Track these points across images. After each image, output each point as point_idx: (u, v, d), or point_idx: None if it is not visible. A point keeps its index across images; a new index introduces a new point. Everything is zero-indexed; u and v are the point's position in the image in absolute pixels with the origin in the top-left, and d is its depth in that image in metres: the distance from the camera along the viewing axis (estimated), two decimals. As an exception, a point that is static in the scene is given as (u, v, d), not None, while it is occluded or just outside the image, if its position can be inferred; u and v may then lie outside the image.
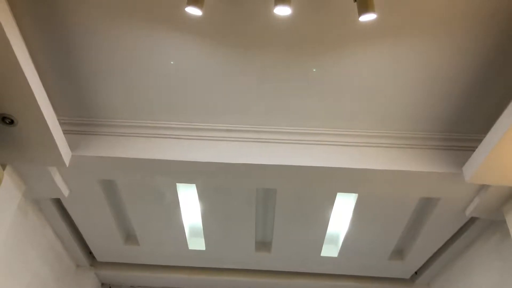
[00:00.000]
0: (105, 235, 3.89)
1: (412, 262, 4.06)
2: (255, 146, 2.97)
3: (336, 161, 2.92)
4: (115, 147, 2.96)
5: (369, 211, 3.37)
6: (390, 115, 2.87)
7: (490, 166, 2.53)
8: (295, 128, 2.98)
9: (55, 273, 3.94)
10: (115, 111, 2.96)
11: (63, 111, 2.93)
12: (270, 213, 3.68)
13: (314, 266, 4.28)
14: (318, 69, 2.58)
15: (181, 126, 3.00)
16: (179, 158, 2.92)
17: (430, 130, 2.96)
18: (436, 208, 3.22)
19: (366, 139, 2.99)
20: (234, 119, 2.96)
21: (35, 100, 2.27)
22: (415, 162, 2.91)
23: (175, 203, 3.43)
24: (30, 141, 2.58)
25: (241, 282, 4.50)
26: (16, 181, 2.96)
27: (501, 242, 3.17)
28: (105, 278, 4.59)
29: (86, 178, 3.16)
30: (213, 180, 3.15)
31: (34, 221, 3.43)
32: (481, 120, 2.82)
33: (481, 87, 2.64)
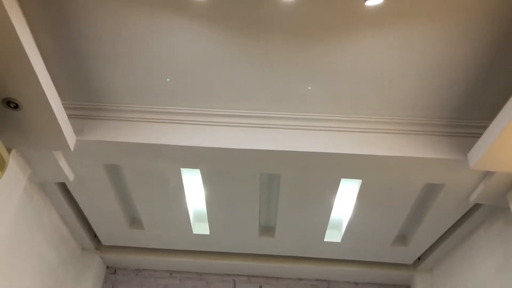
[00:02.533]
0: (110, 219, 3.93)
1: (415, 248, 4.07)
2: (259, 131, 2.97)
3: (340, 147, 2.91)
4: (120, 132, 2.97)
5: (373, 197, 3.37)
6: (395, 101, 2.86)
7: (495, 152, 2.52)
8: (299, 114, 2.97)
9: (61, 256, 3.99)
10: (120, 96, 2.95)
11: (68, 95, 2.93)
12: (274, 198, 3.69)
13: (317, 251, 4.31)
14: (323, 54, 2.56)
15: (185, 111, 3.00)
16: (183, 143, 2.92)
17: (435, 117, 2.95)
18: (440, 194, 3.22)
19: (370, 125, 2.98)
20: (238, 104, 2.95)
21: (39, 84, 2.27)
22: (420, 148, 2.90)
23: (179, 188, 3.45)
24: (35, 125, 2.58)
25: (245, 266, 4.54)
26: (22, 165, 2.97)
27: (505, 228, 3.17)
28: (111, 261, 4.64)
29: (91, 163, 3.17)
30: (217, 165, 3.15)
31: (40, 205, 3.46)
32: (487, 107, 2.80)
33: (487, 73, 2.62)
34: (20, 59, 2.13)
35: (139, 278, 4.69)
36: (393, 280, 4.60)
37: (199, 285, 4.65)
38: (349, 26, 2.42)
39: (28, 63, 2.15)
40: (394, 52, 2.54)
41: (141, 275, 4.71)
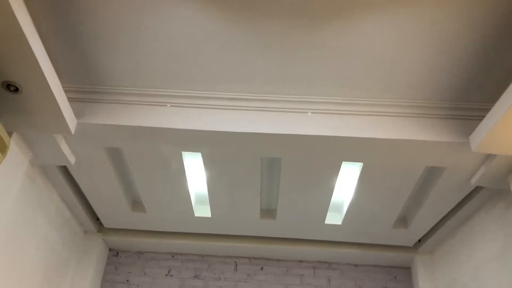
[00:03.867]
0: (111, 202, 3.95)
1: (416, 230, 4.09)
2: (260, 115, 2.96)
3: (341, 130, 2.91)
4: (120, 115, 2.96)
5: (374, 179, 3.38)
6: (397, 84, 2.84)
7: (497, 135, 2.51)
8: (300, 97, 2.96)
9: (63, 239, 4.02)
10: (120, 79, 2.94)
11: (68, 78, 2.92)
12: (275, 181, 3.70)
13: (318, 234, 4.33)
14: (324, 36, 2.53)
15: (186, 95, 2.99)
16: (184, 127, 2.92)
17: (437, 99, 2.93)
18: (441, 177, 3.22)
19: (372, 108, 2.97)
20: (239, 87, 2.93)
21: (39, 67, 2.26)
22: (421, 131, 2.89)
23: (180, 171, 3.45)
24: (35, 108, 2.58)
25: (246, 248, 4.57)
26: (23, 148, 2.98)
27: (506, 210, 3.18)
28: (113, 244, 4.68)
29: (92, 146, 3.17)
30: (218, 149, 3.15)
31: (42, 188, 3.47)
32: (489, 89, 2.79)
33: (490, 55, 2.59)
34: (19, 42, 2.11)
35: (141, 260, 4.73)
36: (394, 262, 4.64)
37: (201, 267, 4.69)
38: (351, 8, 2.39)
39: (28, 46, 2.13)
40: (396, 34, 2.51)
41: (144, 257, 4.75)
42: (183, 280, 4.62)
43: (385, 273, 4.69)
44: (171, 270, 4.68)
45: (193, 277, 4.65)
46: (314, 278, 4.65)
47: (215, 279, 4.64)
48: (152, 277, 4.64)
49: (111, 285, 4.58)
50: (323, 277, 4.67)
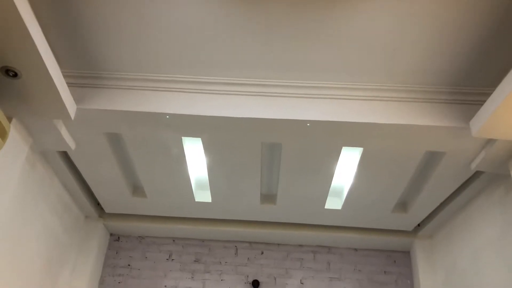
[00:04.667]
0: (112, 187, 3.96)
1: (416, 215, 4.11)
2: (260, 100, 2.95)
3: (341, 115, 2.90)
4: (120, 100, 2.95)
5: (374, 164, 3.38)
6: (397, 69, 2.82)
7: (498, 120, 2.51)
8: (301, 82, 2.95)
9: (65, 224, 4.04)
10: (120, 64, 2.92)
11: (67, 64, 2.90)
12: (276, 166, 3.70)
13: (318, 218, 4.36)
14: (325, 22, 2.51)
15: (186, 80, 2.98)
16: (184, 112, 2.91)
17: (437, 84, 2.92)
18: (441, 162, 3.22)
19: (372, 93, 2.96)
20: (239, 72, 2.92)
21: (37, 52, 2.24)
22: (422, 116, 2.89)
23: (181, 156, 3.45)
24: (35, 94, 2.57)
25: (246, 232, 4.60)
26: (23, 134, 2.97)
27: (505, 195, 3.19)
28: (114, 229, 4.71)
29: (91, 131, 3.17)
30: (218, 134, 3.15)
31: (42, 173, 3.48)
32: (490, 74, 2.77)
33: (492, 40, 2.57)
34: (17, 27, 2.09)
35: (142, 245, 4.77)
36: (393, 246, 4.68)
37: (202, 251, 4.73)
38: (352, -9, 2.37)
39: (26, 31, 2.11)
40: (397, 19, 2.49)
41: (145, 242, 4.79)
42: (184, 264, 4.66)
43: (384, 257, 4.73)
44: (172, 254, 4.72)
45: (194, 261, 4.69)
46: (314, 262, 4.69)
47: (216, 263, 4.68)
48: (153, 261, 4.68)
49: (112, 270, 4.62)
50: (323, 261, 4.71)
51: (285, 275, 4.62)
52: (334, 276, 4.62)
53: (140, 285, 4.54)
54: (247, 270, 4.65)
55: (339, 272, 4.64)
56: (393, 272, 4.64)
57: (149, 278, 4.58)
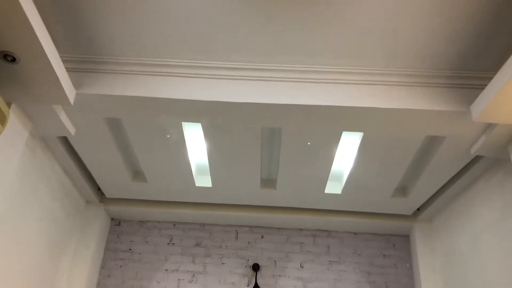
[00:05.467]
0: (113, 172, 3.97)
1: (415, 199, 4.13)
2: (260, 85, 2.94)
3: (341, 100, 2.89)
4: (119, 85, 2.94)
5: (374, 149, 3.38)
6: (397, 52, 2.80)
7: (498, 104, 2.50)
8: (301, 66, 2.93)
9: (66, 209, 4.06)
10: (119, 49, 2.90)
11: (66, 48, 2.88)
12: (276, 151, 3.71)
13: (318, 203, 4.37)
14: (325, 4, 2.49)
15: (186, 64, 2.96)
16: (183, 97, 2.90)
17: (438, 68, 2.90)
18: (441, 146, 3.22)
19: (372, 77, 2.94)
20: (239, 57, 2.90)
21: (35, 37, 2.23)
22: (422, 100, 2.88)
23: (181, 142, 3.45)
24: (34, 79, 2.56)
25: (247, 217, 4.63)
26: (22, 119, 2.97)
27: (505, 179, 3.20)
28: (115, 213, 4.73)
29: (91, 117, 3.16)
30: (218, 119, 3.14)
31: (43, 159, 3.48)
32: (491, 58, 2.75)
33: (493, 23, 2.55)
34: (15, 11, 2.07)
35: (143, 229, 4.80)
36: (392, 230, 4.70)
37: (202, 235, 4.76)
38: (353, -26, 2.34)
39: (24, 15, 2.09)
40: (397, 2, 2.46)
41: (145, 226, 4.82)
42: (185, 248, 4.70)
43: (384, 241, 4.76)
44: (172, 238, 4.75)
45: (195, 245, 4.72)
46: (314, 246, 4.73)
47: (216, 247, 4.71)
48: (154, 245, 4.71)
49: (114, 254, 4.66)
50: (323, 245, 4.74)
51: (285, 259, 4.66)
52: (333, 259, 4.66)
53: (141, 269, 4.58)
54: (248, 253, 4.69)
55: (338, 256, 4.68)
56: (392, 255, 4.69)
57: (150, 262, 4.62)
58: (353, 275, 4.58)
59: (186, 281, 4.53)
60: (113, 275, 4.55)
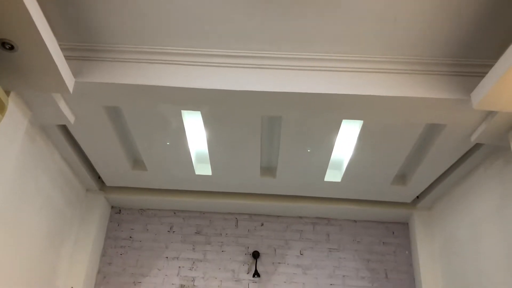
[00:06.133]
0: (112, 161, 3.97)
1: (415, 187, 4.14)
2: (259, 72, 2.92)
3: (341, 88, 2.88)
4: (119, 73, 2.93)
5: (374, 137, 3.38)
6: (398, 40, 2.78)
7: (499, 92, 2.49)
8: (300, 54, 2.92)
9: (66, 197, 4.07)
10: (118, 37, 2.88)
11: (64, 36, 2.86)
12: (275, 139, 3.70)
13: (318, 191, 4.38)
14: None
15: (185, 52, 2.94)
16: (183, 85, 2.89)
17: (438, 55, 2.89)
18: (441, 134, 3.22)
19: (372, 65, 2.93)
20: (238, 44, 2.88)
21: (33, 24, 2.21)
22: (422, 88, 2.87)
23: (180, 130, 3.45)
24: (32, 67, 2.54)
25: (247, 205, 4.65)
26: (22, 107, 2.96)
27: (504, 167, 3.20)
28: (115, 201, 4.75)
29: (90, 105, 3.15)
30: (218, 107, 3.13)
31: (42, 147, 3.48)
32: (492, 45, 2.74)
33: (493, 11, 2.52)
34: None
35: (143, 217, 4.82)
36: (392, 217, 4.72)
37: (203, 223, 4.78)
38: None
39: (21, 2, 2.07)
40: (399, -12, 2.45)
41: (146, 214, 4.83)
42: (185, 236, 4.72)
43: (383, 228, 4.79)
44: (173, 226, 4.77)
45: (195, 233, 4.74)
46: (314, 234, 4.75)
47: (217, 235, 4.74)
48: (154, 233, 4.74)
49: (114, 242, 4.68)
50: (322, 232, 4.77)
51: (285, 246, 4.69)
52: (333, 247, 4.68)
53: (142, 256, 4.61)
54: (248, 241, 4.71)
55: (338, 243, 4.71)
56: (391, 243, 4.71)
57: (151, 249, 4.65)
58: (352, 262, 4.61)
59: (187, 268, 4.56)
60: (114, 263, 4.58)
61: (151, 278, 4.51)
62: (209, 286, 4.48)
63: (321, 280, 4.52)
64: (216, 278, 4.52)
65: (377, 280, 4.52)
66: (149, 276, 4.52)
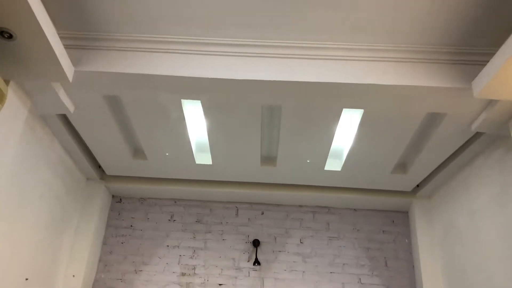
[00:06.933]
0: (113, 150, 3.97)
1: (415, 176, 4.14)
2: (259, 61, 2.91)
3: (342, 77, 2.87)
4: (118, 62, 2.91)
5: (375, 126, 3.38)
6: (398, 27, 2.77)
7: (500, 80, 2.48)
8: (301, 42, 2.90)
9: (67, 186, 4.08)
10: (118, 25, 2.86)
11: (63, 25, 2.85)
12: (276, 128, 3.70)
13: (318, 180, 4.39)
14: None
15: (185, 41, 2.93)
16: (182, 74, 2.88)
17: (439, 44, 2.87)
18: (442, 123, 3.22)
19: (372, 53, 2.91)
20: (238, 32, 2.87)
21: (32, 13, 2.19)
22: (423, 76, 2.86)
23: (180, 119, 3.44)
24: (31, 56, 2.53)
25: (247, 194, 4.66)
26: (21, 97, 2.95)
27: (504, 156, 3.20)
28: (116, 190, 4.76)
29: (90, 94, 3.14)
30: (218, 97, 3.12)
31: (42, 136, 3.48)
32: (493, 33, 2.72)
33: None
34: (10, -14, 2.04)
35: (144, 206, 4.83)
36: (392, 206, 4.74)
37: (203, 212, 4.80)
38: None
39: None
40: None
41: (146, 203, 4.85)
42: (186, 224, 4.74)
43: (383, 217, 4.80)
44: (173, 215, 4.79)
45: (196, 222, 4.76)
46: (314, 222, 4.77)
47: (217, 224, 4.76)
48: (155, 222, 4.76)
49: (115, 231, 4.70)
50: (323, 221, 4.79)
51: (285, 235, 4.71)
52: (333, 235, 4.71)
53: (143, 245, 4.64)
54: (248, 230, 4.73)
55: (338, 232, 4.73)
56: (391, 231, 4.73)
57: (152, 238, 4.67)
58: (352, 250, 4.63)
59: (187, 257, 4.59)
60: (115, 251, 4.61)
61: (152, 266, 4.54)
62: (209, 274, 4.51)
63: (321, 268, 4.55)
64: (217, 266, 4.55)
65: (377, 268, 4.55)
66: (150, 265, 4.55)
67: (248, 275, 4.52)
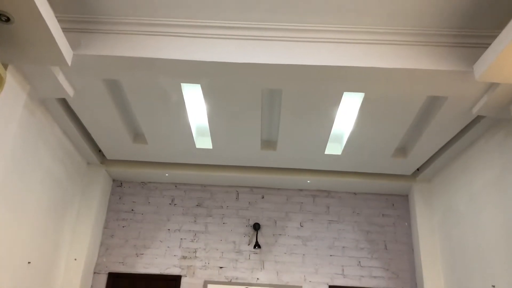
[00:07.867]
0: (113, 134, 3.96)
1: (415, 159, 4.14)
2: (259, 44, 2.88)
3: (342, 60, 2.85)
4: (117, 45, 2.89)
5: (375, 110, 3.36)
6: (399, 10, 2.73)
7: (503, 63, 2.46)
8: (301, 25, 2.87)
9: (67, 170, 4.08)
10: (117, 8, 2.83)
11: (61, 8, 2.81)
12: (276, 112, 3.69)
13: (318, 164, 4.39)
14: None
15: (183, 23, 2.90)
16: (182, 57, 2.86)
17: (440, 26, 2.84)
18: (443, 107, 3.20)
19: (373, 36, 2.89)
20: (238, 15, 2.84)
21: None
22: (424, 59, 2.84)
23: (180, 103, 3.43)
24: (29, 39, 2.51)
25: (247, 178, 4.67)
26: (20, 81, 2.94)
27: (504, 139, 3.20)
28: (116, 175, 4.77)
29: (90, 78, 3.13)
30: (217, 80, 3.10)
31: (42, 121, 3.47)
32: (496, 15, 2.69)
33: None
34: (6, -32, 2.01)
35: (145, 190, 4.85)
36: (392, 190, 4.75)
37: (204, 196, 4.82)
38: None
39: (16, -27, 2.04)
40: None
41: (147, 187, 4.86)
42: (187, 208, 4.76)
43: (383, 200, 4.82)
44: (174, 199, 4.81)
45: (196, 206, 4.78)
46: (314, 206, 4.79)
47: (218, 207, 4.78)
48: (156, 206, 4.78)
49: (116, 214, 4.72)
50: (322, 204, 4.81)
51: (285, 218, 4.74)
52: (333, 219, 4.73)
53: (144, 229, 4.66)
54: (248, 213, 4.76)
55: (337, 215, 4.75)
56: (391, 214, 4.76)
57: (153, 222, 4.70)
58: (352, 234, 4.66)
59: (188, 240, 4.62)
60: (116, 235, 4.63)
61: (153, 250, 4.58)
62: (210, 257, 4.55)
63: (321, 251, 4.58)
64: (218, 249, 4.59)
65: (376, 251, 4.58)
66: (151, 248, 4.58)
67: (248, 258, 4.56)
